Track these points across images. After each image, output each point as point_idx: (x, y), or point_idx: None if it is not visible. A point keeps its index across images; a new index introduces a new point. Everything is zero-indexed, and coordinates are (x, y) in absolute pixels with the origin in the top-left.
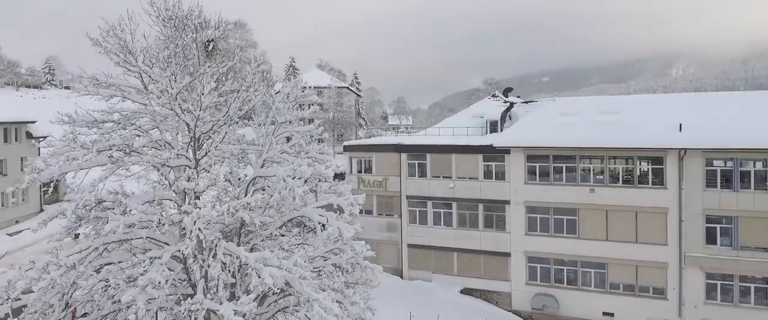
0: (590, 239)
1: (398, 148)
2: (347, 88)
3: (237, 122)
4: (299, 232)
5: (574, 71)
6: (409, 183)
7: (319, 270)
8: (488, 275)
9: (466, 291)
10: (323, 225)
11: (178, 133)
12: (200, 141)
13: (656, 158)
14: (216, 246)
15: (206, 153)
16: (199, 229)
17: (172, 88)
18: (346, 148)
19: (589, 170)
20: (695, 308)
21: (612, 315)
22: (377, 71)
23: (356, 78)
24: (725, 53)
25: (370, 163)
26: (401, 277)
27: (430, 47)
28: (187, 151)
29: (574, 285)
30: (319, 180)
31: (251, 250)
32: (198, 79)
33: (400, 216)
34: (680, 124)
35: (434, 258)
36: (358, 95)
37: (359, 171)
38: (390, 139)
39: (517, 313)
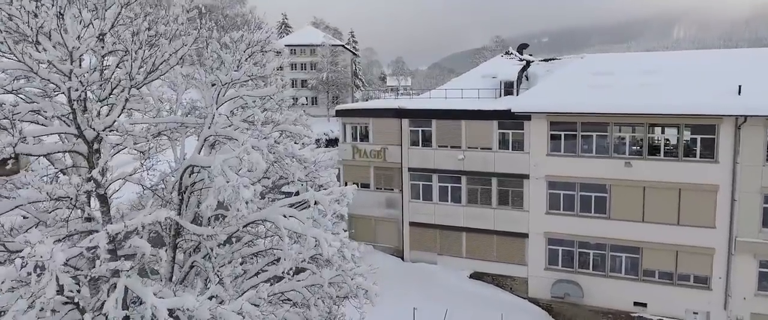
0: (623, 220)
1: (399, 113)
2: (343, 46)
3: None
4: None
5: (574, 31)
6: (411, 154)
7: (289, 301)
8: (502, 258)
9: (476, 276)
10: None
11: (71, 100)
12: (97, 113)
13: (707, 126)
14: (108, 289)
15: (97, 134)
16: (54, 273)
17: (29, 25)
18: (339, 113)
19: (625, 140)
20: (744, 300)
21: (644, 305)
22: (375, 31)
23: (353, 37)
24: (728, 14)
25: (366, 130)
26: (402, 259)
27: (427, 7)
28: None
29: (601, 271)
30: (302, 164)
31: (192, 268)
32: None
33: (402, 190)
34: (739, 86)
35: (440, 238)
36: (355, 54)
37: (354, 139)
38: (390, 102)
39: (534, 301)
